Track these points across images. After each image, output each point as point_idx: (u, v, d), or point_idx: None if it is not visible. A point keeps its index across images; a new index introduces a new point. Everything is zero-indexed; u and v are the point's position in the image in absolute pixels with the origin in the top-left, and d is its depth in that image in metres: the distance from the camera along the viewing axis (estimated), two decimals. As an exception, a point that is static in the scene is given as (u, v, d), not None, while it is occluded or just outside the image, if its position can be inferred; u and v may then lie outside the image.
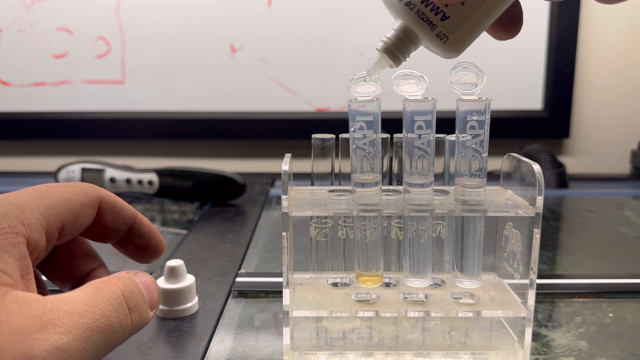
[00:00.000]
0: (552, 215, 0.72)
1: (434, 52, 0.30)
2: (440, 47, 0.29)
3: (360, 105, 0.32)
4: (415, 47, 0.30)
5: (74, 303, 0.25)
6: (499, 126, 0.93)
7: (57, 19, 0.92)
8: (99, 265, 0.34)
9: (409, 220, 0.35)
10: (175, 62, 0.94)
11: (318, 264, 0.37)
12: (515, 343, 0.35)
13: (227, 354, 0.36)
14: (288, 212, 0.32)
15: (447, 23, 0.28)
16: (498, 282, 0.37)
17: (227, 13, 0.92)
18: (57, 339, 0.23)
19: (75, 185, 0.30)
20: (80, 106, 0.95)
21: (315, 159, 0.36)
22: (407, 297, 0.35)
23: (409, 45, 0.30)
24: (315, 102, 0.95)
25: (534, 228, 0.32)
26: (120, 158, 0.93)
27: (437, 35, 0.29)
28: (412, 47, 0.30)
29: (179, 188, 0.73)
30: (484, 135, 0.32)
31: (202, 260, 0.52)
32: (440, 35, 0.29)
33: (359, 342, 0.36)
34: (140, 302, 0.28)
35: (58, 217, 0.28)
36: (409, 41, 0.30)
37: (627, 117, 0.98)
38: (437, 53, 0.30)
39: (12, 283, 0.24)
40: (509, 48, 0.92)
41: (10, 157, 0.99)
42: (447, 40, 0.29)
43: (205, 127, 0.95)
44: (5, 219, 0.25)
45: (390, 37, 0.30)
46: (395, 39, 0.30)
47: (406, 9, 0.29)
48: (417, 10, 0.28)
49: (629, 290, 0.47)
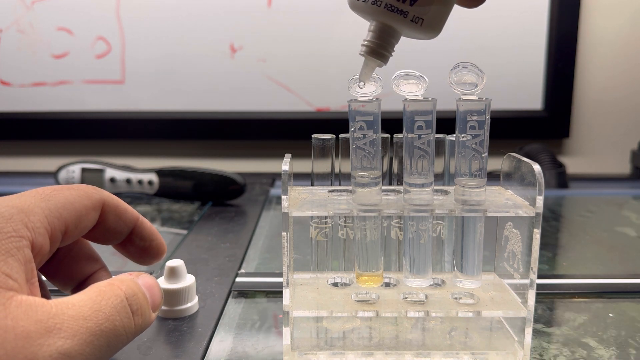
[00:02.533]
0: (552, 215, 0.72)
1: (416, 37, 0.31)
2: (418, 30, 0.30)
3: (360, 105, 0.32)
4: (396, 40, 0.31)
5: (78, 307, 0.25)
6: (499, 126, 0.93)
7: (57, 19, 0.92)
8: (101, 268, 0.34)
9: (409, 220, 0.35)
10: (175, 62, 0.94)
11: (318, 264, 0.37)
12: (515, 343, 0.35)
13: (227, 354, 0.36)
14: (288, 212, 0.32)
15: (416, 6, 0.29)
16: (498, 282, 0.37)
17: (227, 13, 0.92)
18: (62, 344, 0.23)
19: (79, 188, 0.30)
20: (80, 106, 0.96)
21: (315, 159, 0.36)
22: (407, 297, 0.35)
23: (390, 40, 0.30)
24: (315, 102, 0.95)
25: (534, 228, 0.32)
26: (120, 158, 0.93)
27: (411, 20, 0.29)
28: (393, 41, 0.31)
29: (179, 188, 0.73)
30: (484, 135, 0.32)
31: (202, 260, 0.52)
32: (415, 20, 0.29)
33: (359, 342, 0.36)
34: (143, 305, 0.28)
35: (62, 220, 0.28)
36: (388, 36, 0.30)
37: (627, 117, 0.98)
38: (418, 37, 0.31)
39: (17, 287, 0.24)
40: (509, 48, 0.92)
41: (10, 157, 0.99)
42: (423, 22, 0.29)
43: (205, 127, 0.95)
44: (10, 223, 0.25)
45: (370, 38, 0.31)
46: (374, 38, 0.30)
47: (374, 7, 0.29)
48: (385, 5, 0.29)
49: (629, 290, 0.47)
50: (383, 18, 0.30)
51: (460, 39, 0.91)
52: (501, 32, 0.92)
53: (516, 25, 0.92)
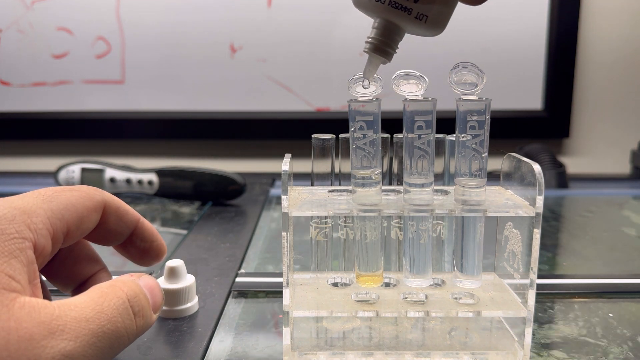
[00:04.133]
0: (552, 215, 0.72)
1: (420, 34, 0.31)
2: (422, 27, 0.30)
3: (360, 105, 0.32)
4: (400, 37, 0.31)
5: (80, 308, 0.25)
6: (499, 126, 0.93)
7: (57, 19, 0.92)
8: (101, 269, 0.34)
9: (409, 220, 0.35)
10: (175, 62, 0.94)
11: (318, 264, 0.37)
12: (515, 343, 0.35)
13: (227, 354, 0.36)
14: (288, 212, 0.32)
15: (420, 4, 0.29)
16: (498, 282, 0.37)
17: (227, 13, 0.92)
18: (65, 346, 0.23)
19: (81, 189, 0.30)
20: (80, 106, 0.96)
21: (315, 159, 0.36)
22: (407, 297, 0.35)
23: (394, 37, 0.30)
24: (315, 102, 0.95)
25: (534, 228, 0.32)
26: (120, 158, 0.93)
27: (415, 17, 0.29)
28: (397, 38, 0.31)
29: (179, 188, 0.73)
30: (484, 135, 0.32)
31: (202, 260, 0.52)
32: (419, 17, 0.29)
33: (359, 342, 0.36)
34: (144, 306, 0.28)
35: (64, 222, 0.28)
36: (392, 33, 0.30)
37: (627, 117, 0.98)
38: (422, 34, 0.31)
39: (20, 289, 0.24)
40: (509, 48, 0.92)
41: (10, 157, 0.99)
42: (427, 19, 0.29)
43: (205, 127, 0.95)
44: (13, 224, 0.25)
45: (374, 35, 0.31)
46: (379, 35, 0.30)
47: (378, 4, 0.29)
48: (389, 2, 0.29)
49: (629, 290, 0.47)
50: (387, 15, 0.30)
51: (460, 39, 0.91)
52: (501, 32, 0.92)
53: (516, 25, 0.92)
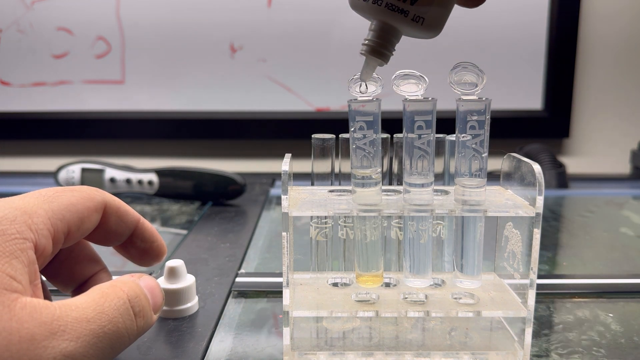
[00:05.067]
0: (552, 215, 0.72)
1: (416, 36, 0.31)
2: (419, 29, 0.30)
3: (360, 105, 0.32)
4: (397, 39, 0.31)
5: (81, 309, 0.25)
6: (499, 126, 0.93)
7: (57, 19, 0.92)
8: (102, 269, 0.34)
9: (409, 220, 0.35)
10: (175, 62, 0.94)
11: (318, 264, 0.37)
12: (515, 343, 0.35)
13: (227, 354, 0.36)
14: (288, 212, 0.32)
15: (417, 6, 0.29)
16: (498, 282, 0.37)
17: (227, 13, 0.92)
18: (66, 346, 0.23)
19: (81, 189, 0.30)
20: (80, 106, 0.96)
21: (315, 159, 0.36)
22: (407, 297, 0.35)
23: (391, 39, 0.30)
24: (315, 102, 0.95)
25: (534, 228, 0.32)
26: (120, 158, 0.93)
27: (412, 19, 0.29)
28: (394, 40, 0.31)
29: (179, 188, 0.73)
30: (484, 135, 0.32)
31: (202, 260, 0.52)
32: (416, 19, 0.29)
33: (359, 342, 0.36)
34: (145, 307, 0.28)
35: (65, 222, 0.28)
36: (389, 35, 0.30)
37: (627, 118, 0.98)
38: (419, 36, 0.31)
39: (21, 289, 0.24)
40: (509, 48, 0.92)
41: (10, 157, 0.99)
42: (424, 21, 0.29)
43: (205, 127, 0.95)
44: (14, 225, 0.25)
45: (371, 37, 0.31)
46: (375, 37, 0.30)
47: (375, 7, 0.29)
48: (386, 4, 0.29)
49: (629, 290, 0.47)
50: (384, 17, 0.30)
51: (460, 39, 0.91)
52: (501, 31, 0.92)
53: (516, 25, 0.92)
